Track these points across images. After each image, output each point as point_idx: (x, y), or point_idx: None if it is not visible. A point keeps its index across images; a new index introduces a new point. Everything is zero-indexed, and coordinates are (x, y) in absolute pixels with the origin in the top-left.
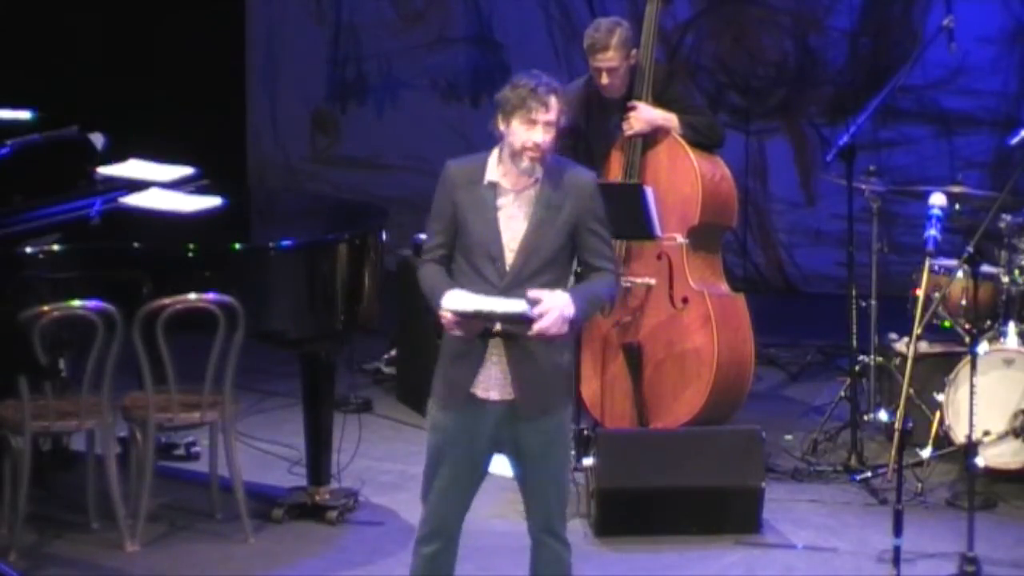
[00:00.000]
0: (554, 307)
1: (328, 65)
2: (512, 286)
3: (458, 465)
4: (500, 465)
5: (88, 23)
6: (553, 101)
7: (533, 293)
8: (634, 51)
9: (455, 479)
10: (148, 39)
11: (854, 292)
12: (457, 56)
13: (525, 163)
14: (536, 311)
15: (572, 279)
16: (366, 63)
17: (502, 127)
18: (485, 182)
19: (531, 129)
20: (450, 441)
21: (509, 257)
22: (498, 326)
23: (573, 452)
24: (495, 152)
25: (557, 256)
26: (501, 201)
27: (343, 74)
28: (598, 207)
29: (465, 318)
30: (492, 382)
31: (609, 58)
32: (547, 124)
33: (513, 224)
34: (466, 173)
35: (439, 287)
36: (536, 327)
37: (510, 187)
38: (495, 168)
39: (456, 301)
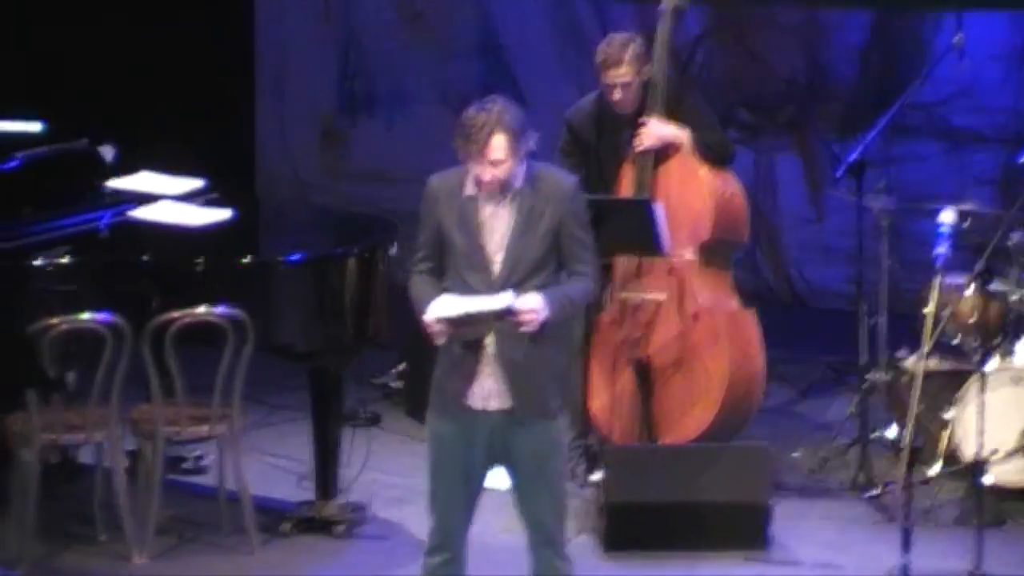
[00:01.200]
0: (530, 307)
1: (337, 78)
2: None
3: (457, 476)
4: (497, 480)
5: (96, 35)
6: (496, 142)
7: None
8: (646, 66)
9: (455, 490)
10: (157, 52)
11: (864, 308)
12: (467, 69)
13: (484, 192)
14: (517, 306)
15: None
16: (375, 76)
17: (460, 153)
18: (464, 195)
19: (479, 168)
20: (447, 452)
21: (495, 268)
22: (489, 339)
23: (583, 467)
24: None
25: (543, 262)
26: (483, 213)
27: (352, 87)
28: (579, 211)
29: (453, 324)
30: (486, 392)
31: (622, 74)
32: (492, 163)
33: (496, 235)
34: (447, 187)
35: (427, 298)
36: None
37: (489, 199)
38: (472, 182)
39: (443, 308)
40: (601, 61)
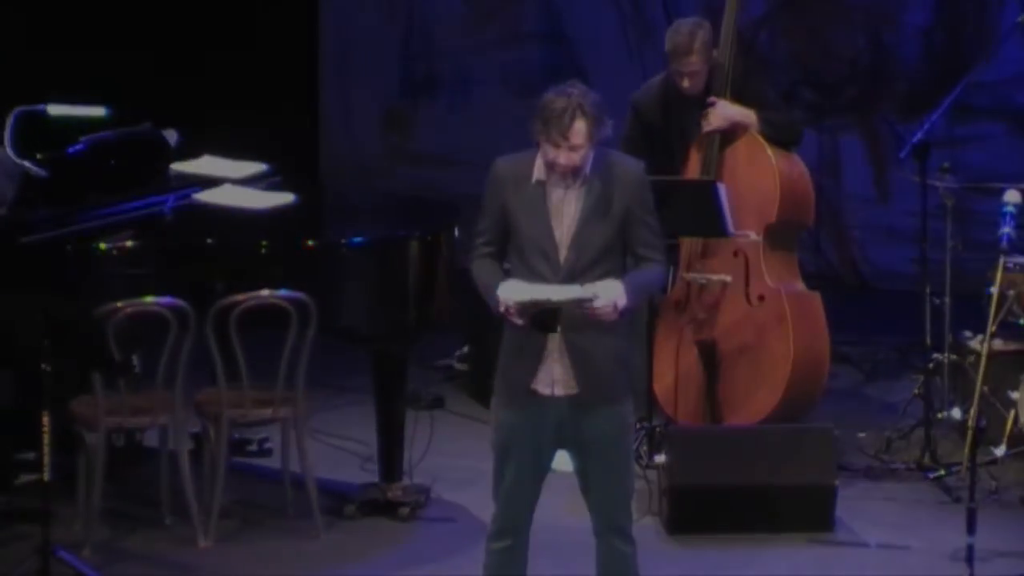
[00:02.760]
0: (609, 296)
1: (400, 62)
2: (566, 281)
3: (524, 462)
4: (562, 462)
5: (159, 19)
6: (578, 127)
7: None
8: (714, 51)
9: (522, 476)
10: (222, 36)
11: (928, 289)
12: (529, 53)
13: (556, 176)
14: (592, 294)
15: None
16: (438, 60)
17: (537, 136)
18: (533, 180)
19: (556, 151)
20: (514, 438)
21: (562, 253)
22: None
23: (646, 448)
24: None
25: (609, 249)
26: (551, 198)
27: (415, 71)
28: (647, 197)
29: (522, 309)
30: (553, 377)
31: (692, 62)
32: (571, 148)
33: (564, 220)
34: (514, 171)
35: (493, 281)
36: (591, 307)
37: (558, 184)
38: (542, 167)
39: (512, 291)
40: (670, 50)
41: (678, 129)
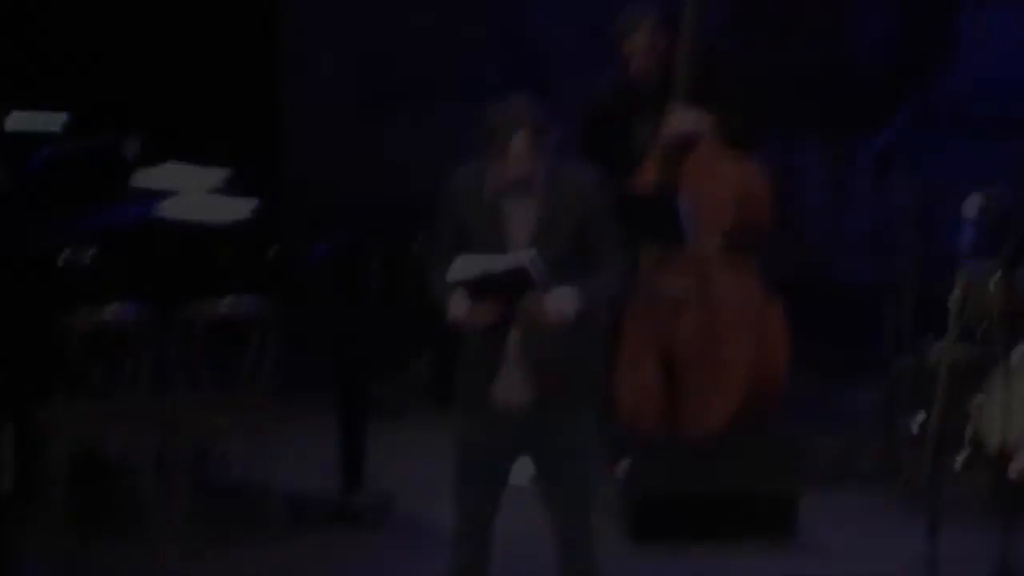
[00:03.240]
0: (556, 303)
1: (368, 71)
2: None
3: (483, 469)
4: (524, 474)
5: (124, 27)
6: (518, 140)
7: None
8: (664, 38)
9: (481, 484)
10: (185, 41)
11: (890, 298)
12: (497, 64)
13: (506, 189)
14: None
15: None
16: (407, 70)
17: (483, 150)
18: (487, 191)
19: (501, 163)
20: (473, 447)
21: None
22: (513, 334)
23: (607, 458)
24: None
25: (567, 259)
26: (505, 209)
27: (384, 81)
28: (600, 202)
29: (472, 287)
30: (511, 387)
31: (636, 41)
32: (513, 160)
33: (519, 232)
34: (468, 183)
35: (449, 292)
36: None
37: (512, 196)
38: (494, 179)
39: (460, 271)
40: (618, 30)
41: (630, 122)
